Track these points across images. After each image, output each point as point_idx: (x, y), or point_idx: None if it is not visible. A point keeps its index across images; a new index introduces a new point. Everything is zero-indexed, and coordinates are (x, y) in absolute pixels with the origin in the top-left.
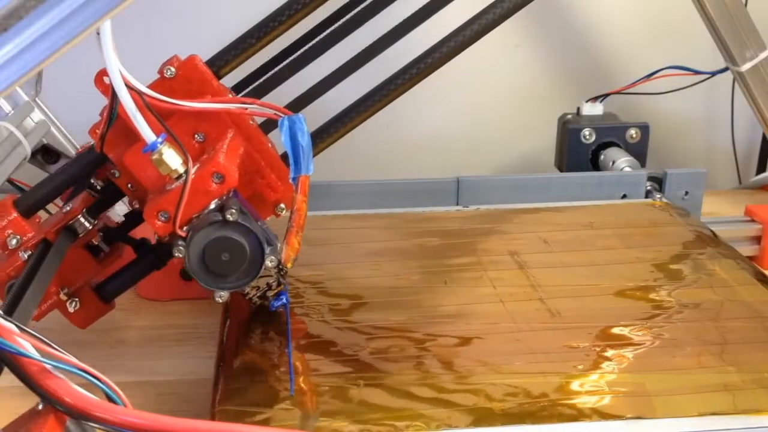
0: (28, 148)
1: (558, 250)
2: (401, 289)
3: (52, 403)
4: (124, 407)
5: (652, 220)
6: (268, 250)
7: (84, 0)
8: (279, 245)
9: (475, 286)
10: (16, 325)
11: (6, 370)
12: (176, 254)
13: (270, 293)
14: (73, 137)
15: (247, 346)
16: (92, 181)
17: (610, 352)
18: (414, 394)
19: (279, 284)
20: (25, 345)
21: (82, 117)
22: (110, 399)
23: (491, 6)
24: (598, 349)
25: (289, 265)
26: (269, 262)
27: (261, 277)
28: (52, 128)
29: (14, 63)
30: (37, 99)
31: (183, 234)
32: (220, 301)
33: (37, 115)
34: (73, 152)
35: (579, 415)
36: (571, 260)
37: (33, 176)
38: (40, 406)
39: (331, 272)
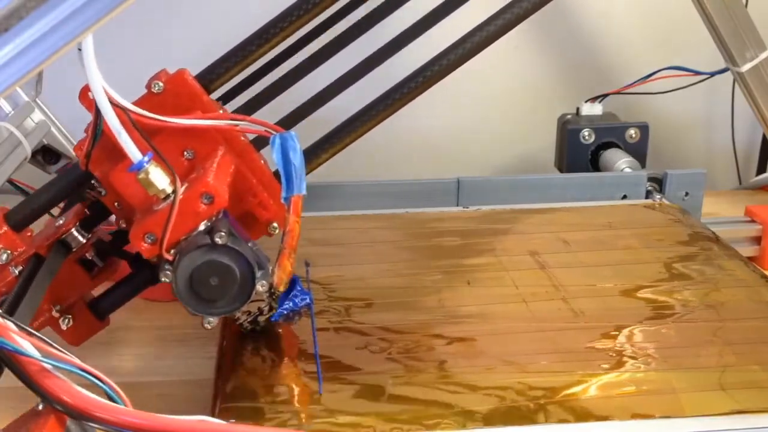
0: (28, 148)
1: (578, 250)
2: (422, 288)
3: (52, 403)
4: (124, 407)
5: (662, 221)
6: (259, 274)
7: (84, 1)
8: (271, 268)
9: (497, 285)
10: (15, 324)
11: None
12: (163, 278)
13: (261, 318)
14: (73, 137)
15: (254, 344)
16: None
17: (634, 351)
18: (442, 394)
19: (270, 308)
20: (25, 345)
21: (82, 117)
22: (111, 399)
23: (496, 15)
24: (622, 348)
25: (281, 289)
26: (260, 287)
27: (252, 301)
28: (53, 128)
29: (14, 63)
30: (37, 99)
31: (170, 257)
32: (209, 327)
33: (37, 116)
34: (73, 152)
35: (607, 413)
36: (591, 260)
37: (33, 176)
38: (40, 406)
39: (349, 273)
